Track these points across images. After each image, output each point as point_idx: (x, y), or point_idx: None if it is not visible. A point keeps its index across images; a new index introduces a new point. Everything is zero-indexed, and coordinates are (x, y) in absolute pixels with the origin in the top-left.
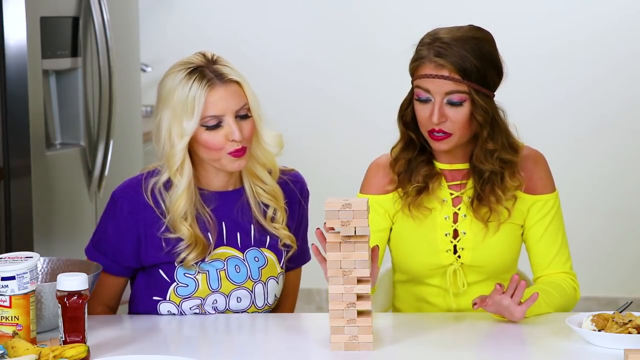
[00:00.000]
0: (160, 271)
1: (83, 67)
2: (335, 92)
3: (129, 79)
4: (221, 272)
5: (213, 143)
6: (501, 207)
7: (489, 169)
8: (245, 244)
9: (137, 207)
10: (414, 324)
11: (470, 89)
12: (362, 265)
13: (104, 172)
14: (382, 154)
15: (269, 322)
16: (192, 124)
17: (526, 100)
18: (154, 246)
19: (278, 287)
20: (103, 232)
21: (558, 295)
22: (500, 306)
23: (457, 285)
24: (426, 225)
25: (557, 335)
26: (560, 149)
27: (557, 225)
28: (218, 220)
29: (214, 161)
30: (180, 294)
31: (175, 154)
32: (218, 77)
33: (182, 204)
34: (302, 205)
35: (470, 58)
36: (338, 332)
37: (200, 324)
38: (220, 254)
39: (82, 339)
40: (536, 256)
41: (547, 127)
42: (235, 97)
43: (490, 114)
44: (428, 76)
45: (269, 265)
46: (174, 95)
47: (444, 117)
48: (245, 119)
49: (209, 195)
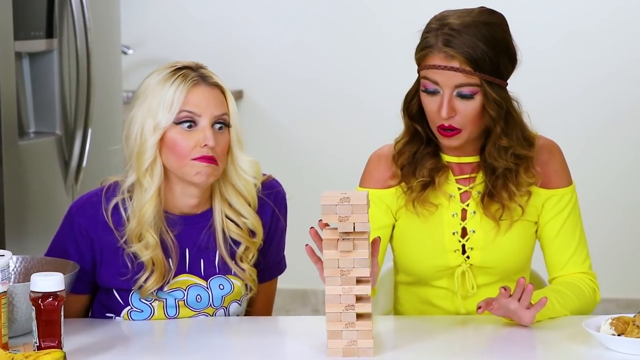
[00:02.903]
0: (114, 292)
1: (59, 50)
2: (333, 78)
3: (108, 62)
4: (180, 302)
5: (182, 145)
6: (514, 204)
7: (503, 165)
8: (209, 272)
9: (95, 226)
10: (417, 327)
11: (482, 81)
12: (361, 264)
13: (81, 163)
14: (384, 145)
15: (259, 325)
16: (166, 118)
17: (539, 88)
18: (110, 271)
19: (241, 309)
20: (61, 250)
21: (575, 297)
22: (508, 310)
23: (466, 287)
24: (432, 223)
25: (572, 340)
26: (577, 140)
27: (574, 222)
28: (181, 247)
29: (178, 169)
30: (133, 317)
31: (145, 150)
32: (203, 78)
33: (150, 209)
34: (274, 216)
35: (482, 46)
36: (335, 337)
37: (183, 327)
38: (181, 282)
39: (58, 344)
40: (552, 255)
41: (562, 116)
42: (217, 102)
43: (504, 108)
44: (437, 67)
45: (235, 291)
46: (153, 92)
47: (454, 111)
48: (222, 132)
49: (173, 219)
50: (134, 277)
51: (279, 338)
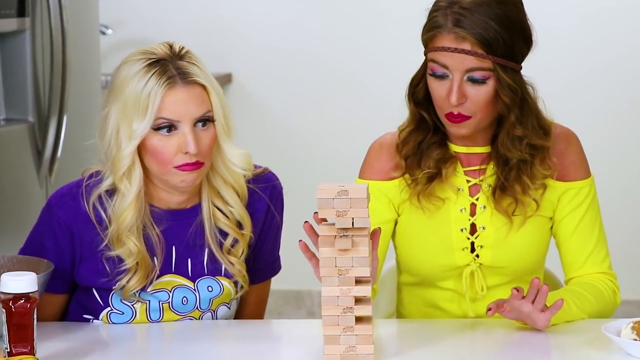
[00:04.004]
0: (94, 292)
1: (31, 29)
2: (330, 60)
3: (85, 43)
4: (164, 305)
5: (163, 152)
6: (528, 198)
7: (517, 157)
8: (197, 272)
9: (76, 219)
10: (421, 332)
11: (495, 65)
12: (361, 263)
13: (56, 153)
14: (386, 133)
15: (250, 330)
16: (142, 126)
17: (554, 70)
18: (90, 269)
19: (229, 312)
20: (38, 245)
21: (593, 298)
22: (521, 313)
23: (475, 289)
24: (438, 219)
25: (591, 346)
26: (595, 127)
27: (593, 217)
28: (167, 244)
29: (161, 175)
30: (113, 320)
31: (122, 158)
32: (181, 75)
33: (130, 215)
34: (270, 212)
35: (496, 27)
36: (333, 342)
37: (168, 331)
38: (166, 282)
39: (31, 349)
40: (569, 254)
41: (579, 102)
42: (197, 103)
43: (518, 94)
44: (446, 49)
45: (224, 294)
46: (127, 88)
47: (464, 97)
48: (206, 128)
49: (160, 213)
50: (115, 278)
51: (271, 343)
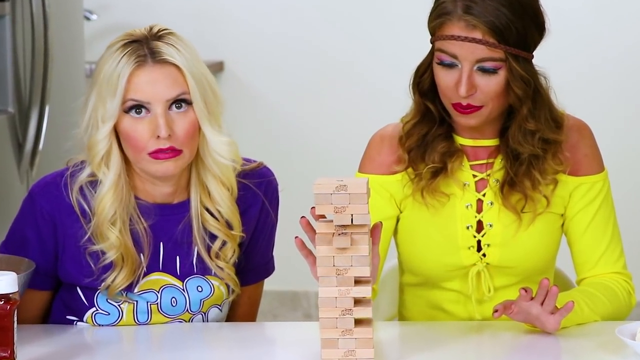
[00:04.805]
0: (78, 290)
1: (12, 15)
2: (328, 46)
3: (69, 29)
4: (152, 306)
5: (135, 137)
6: (538, 194)
7: (529, 151)
8: (186, 271)
9: (59, 210)
10: (425, 335)
11: (507, 55)
12: (360, 262)
13: (37, 145)
14: (388, 124)
15: (243, 333)
16: (113, 107)
17: (566, 57)
18: (74, 264)
19: (221, 315)
20: (20, 237)
21: (607, 300)
22: (529, 315)
23: (482, 290)
24: (443, 216)
25: (604, 350)
26: (609, 119)
27: (607, 214)
28: (155, 240)
29: (137, 163)
30: (98, 321)
31: (97, 142)
32: (152, 55)
33: (109, 204)
34: (264, 209)
35: (508, 14)
36: (330, 346)
37: (156, 335)
38: (153, 281)
39: (11, 353)
40: (580, 253)
41: (591, 91)
42: (168, 83)
43: (531, 85)
44: (455, 38)
45: (215, 295)
46: (102, 70)
47: (474, 88)
48: (184, 112)
49: (147, 207)
50: (100, 277)
51: (265, 347)
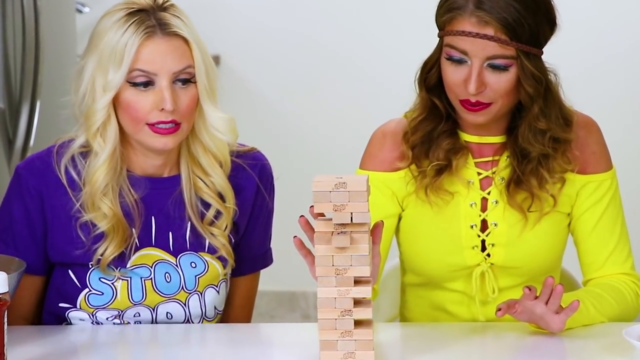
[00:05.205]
0: (70, 273)
1: (1, 8)
2: (326, 40)
3: (60, 22)
4: (146, 282)
5: (136, 108)
6: (544, 193)
7: (539, 151)
8: (179, 246)
9: (47, 184)
10: (427, 336)
11: (519, 52)
12: (360, 261)
13: (28, 141)
14: (390, 120)
15: (240, 334)
16: (118, 77)
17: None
18: (64, 238)
19: (219, 298)
20: (7, 216)
21: (614, 300)
22: (534, 315)
23: (486, 291)
24: (446, 214)
25: (611, 352)
26: (617, 115)
27: (614, 213)
28: (146, 213)
29: (134, 134)
30: (92, 303)
31: (95, 111)
32: (161, 26)
33: (103, 176)
34: (260, 193)
35: (521, 10)
36: (329, 348)
37: (151, 336)
38: (146, 256)
39: (1, 355)
40: (588, 253)
41: (599, 87)
42: (176, 56)
43: (543, 84)
44: (466, 34)
45: (210, 272)
46: (105, 38)
47: (483, 86)
48: (186, 87)
49: (138, 179)
50: (91, 248)
51: (262, 349)
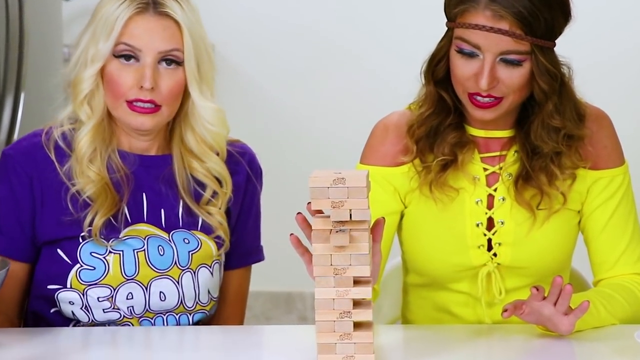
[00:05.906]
0: (59, 251)
1: None
2: (324, 30)
3: (45, 10)
4: (139, 254)
5: (118, 82)
6: (554, 190)
7: (552, 148)
8: (171, 223)
9: (35, 163)
10: (430, 339)
11: (534, 47)
12: (360, 261)
13: (12, 135)
14: (392, 112)
15: (234, 337)
16: (105, 48)
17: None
18: (55, 214)
19: (213, 281)
20: None
21: (626, 302)
22: (541, 316)
23: (492, 292)
24: (451, 212)
25: (622, 355)
26: (630, 108)
27: (627, 211)
28: (137, 188)
29: (113, 110)
30: (84, 279)
31: (83, 80)
32: (155, 4)
33: (89, 142)
34: (251, 182)
35: (537, 3)
36: (328, 351)
37: (142, 338)
38: (138, 230)
39: None
40: (598, 252)
41: (611, 80)
42: (165, 36)
43: (558, 79)
44: (480, 28)
45: (203, 250)
46: (102, 10)
47: (495, 81)
48: (172, 70)
49: (127, 155)
50: (80, 216)
51: (257, 352)
